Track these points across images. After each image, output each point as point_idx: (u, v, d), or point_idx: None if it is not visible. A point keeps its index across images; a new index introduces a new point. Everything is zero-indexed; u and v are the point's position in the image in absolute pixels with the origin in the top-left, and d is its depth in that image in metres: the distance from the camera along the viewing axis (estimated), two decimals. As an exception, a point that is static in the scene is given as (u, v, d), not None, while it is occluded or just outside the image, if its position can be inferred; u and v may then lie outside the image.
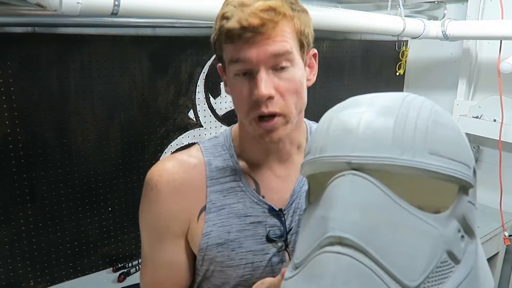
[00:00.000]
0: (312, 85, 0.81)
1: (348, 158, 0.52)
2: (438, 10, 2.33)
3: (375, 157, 0.51)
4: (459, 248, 0.52)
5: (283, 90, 0.69)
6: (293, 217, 0.79)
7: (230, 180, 0.78)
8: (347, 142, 0.53)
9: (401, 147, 0.51)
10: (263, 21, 0.64)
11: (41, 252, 1.54)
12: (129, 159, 1.69)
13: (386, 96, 0.58)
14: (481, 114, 2.32)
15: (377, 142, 0.52)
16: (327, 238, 0.50)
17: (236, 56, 0.67)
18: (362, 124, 0.53)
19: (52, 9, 1.08)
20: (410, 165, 0.51)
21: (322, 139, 0.57)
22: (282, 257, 0.78)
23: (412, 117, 0.53)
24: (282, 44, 0.67)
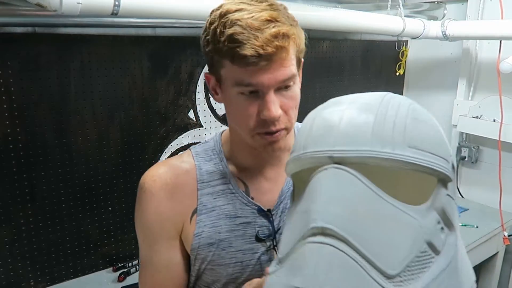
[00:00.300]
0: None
1: (330, 152, 0.54)
2: (438, 10, 2.34)
3: (356, 150, 0.53)
4: (439, 239, 0.54)
5: (287, 108, 0.72)
6: (281, 217, 0.81)
7: (220, 183, 0.81)
8: (328, 138, 0.55)
9: (381, 141, 0.53)
10: (277, 48, 0.65)
11: (41, 252, 1.54)
12: (129, 159, 1.69)
13: (366, 95, 0.60)
14: (481, 114, 2.32)
15: (357, 136, 0.54)
16: (310, 229, 0.51)
17: (247, 80, 0.68)
18: (344, 120, 0.55)
19: (53, 9, 1.08)
20: (390, 157, 0.52)
21: (305, 137, 0.59)
22: (271, 256, 0.81)
23: (391, 114, 0.55)
24: (290, 69, 0.70)
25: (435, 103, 2.61)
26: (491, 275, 2.30)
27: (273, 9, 0.68)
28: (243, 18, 0.65)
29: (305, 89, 2.60)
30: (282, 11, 0.70)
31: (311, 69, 2.21)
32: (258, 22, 0.65)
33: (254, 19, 0.65)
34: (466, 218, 2.20)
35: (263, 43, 0.64)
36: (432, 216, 0.54)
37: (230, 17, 0.66)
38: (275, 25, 0.66)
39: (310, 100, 2.25)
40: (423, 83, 2.68)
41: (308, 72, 2.24)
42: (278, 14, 0.67)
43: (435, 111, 2.59)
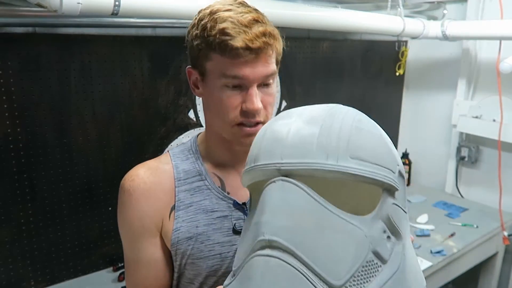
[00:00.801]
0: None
1: (278, 166, 0.56)
2: (438, 10, 2.34)
3: (302, 163, 0.55)
4: (385, 248, 0.55)
5: (266, 103, 0.78)
6: None
7: (197, 180, 0.85)
8: (276, 151, 0.57)
9: (326, 153, 0.55)
10: (264, 45, 0.72)
11: (41, 252, 1.55)
12: (129, 159, 1.69)
13: (315, 107, 0.62)
14: (480, 114, 2.32)
15: (303, 148, 0.56)
16: (259, 242, 0.53)
17: (234, 72, 0.73)
18: (291, 132, 0.57)
19: (53, 9, 1.08)
20: (334, 169, 0.54)
21: (256, 149, 0.61)
22: None
23: (336, 126, 0.57)
24: (271, 66, 0.76)
25: (435, 103, 2.61)
26: (491, 275, 2.30)
27: (258, 13, 0.75)
28: (233, 16, 0.72)
29: (305, 89, 2.61)
30: (265, 16, 0.76)
31: (311, 69, 2.22)
32: (247, 20, 0.71)
33: (244, 18, 0.71)
34: (466, 218, 2.20)
35: (253, 38, 0.71)
36: (378, 225, 0.56)
37: (221, 14, 0.72)
38: (261, 25, 0.73)
39: (310, 100, 2.25)
40: (423, 83, 2.68)
41: (308, 72, 2.25)
42: (263, 17, 0.75)
43: (435, 111, 2.60)
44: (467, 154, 2.43)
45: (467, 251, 1.96)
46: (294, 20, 1.65)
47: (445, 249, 1.87)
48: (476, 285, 2.38)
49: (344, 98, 2.44)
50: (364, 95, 2.57)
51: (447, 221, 2.16)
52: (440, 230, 2.04)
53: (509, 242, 2.19)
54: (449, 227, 2.09)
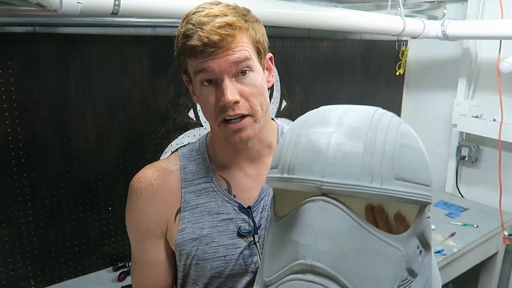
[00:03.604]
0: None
1: (318, 183, 0.54)
2: (438, 9, 2.34)
3: (345, 185, 0.53)
4: (418, 263, 0.56)
5: (248, 94, 0.75)
6: (262, 213, 0.85)
7: (203, 182, 0.85)
8: (316, 166, 0.55)
9: (370, 175, 0.53)
10: (222, 36, 0.71)
11: (41, 252, 1.55)
12: (129, 159, 1.69)
13: (354, 114, 0.59)
14: (480, 114, 2.32)
15: (346, 168, 0.54)
16: (299, 265, 0.52)
17: (200, 67, 0.74)
18: (332, 147, 0.55)
19: (53, 9, 1.08)
20: (379, 192, 0.53)
21: (290, 156, 0.59)
22: (252, 250, 0.83)
23: (380, 141, 0.55)
24: (241, 52, 0.73)
25: (435, 102, 2.61)
26: (491, 275, 2.30)
27: (227, 8, 0.75)
28: (195, 17, 0.72)
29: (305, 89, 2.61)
30: (237, 10, 0.76)
31: (311, 69, 2.21)
32: (207, 18, 0.72)
33: (204, 16, 0.72)
34: (466, 217, 2.20)
35: (208, 34, 0.70)
36: (413, 242, 0.56)
37: (187, 19, 0.74)
38: (220, 18, 0.72)
39: (309, 100, 2.25)
40: (423, 83, 2.68)
41: (308, 72, 2.25)
42: (229, 12, 0.74)
43: (435, 110, 2.60)
44: (467, 154, 2.43)
45: (467, 250, 1.96)
46: (294, 20, 1.65)
47: (445, 248, 1.87)
48: (476, 284, 2.38)
49: (344, 97, 2.44)
50: (364, 94, 2.56)
51: (447, 220, 2.16)
52: (440, 230, 2.04)
53: (509, 241, 2.19)
54: (449, 226, 2.09)
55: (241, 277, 0.83)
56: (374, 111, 0.60)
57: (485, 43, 2.32)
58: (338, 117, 0.59)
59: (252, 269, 0.83)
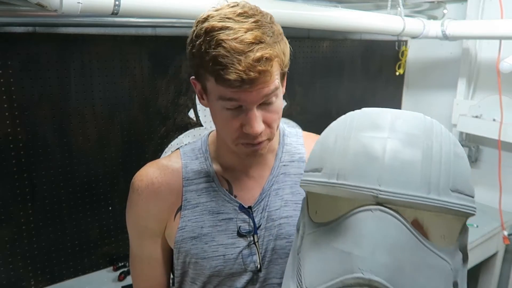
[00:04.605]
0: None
1: (375, 192, 0.51)
2: (438, 9, 2.34)
3: (404, 195, 0.50)
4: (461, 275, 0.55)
5: (270, 121, 0.74)
6: (262, 214, 0.85)
7: (204, 181, 0.86)
8: (372, 172, 0.52)
9: (428, 185, 0.51)
10: (260, 72, 0.66)
11: (41, 251, 1.55)
12: (129, 159, 1.69)
13: (406, 120, 0.56)
14: (480, 114, 2.32)
15: (405, 177, 0.51)
16: (355, 278, 0.49)
17: (229, 96, 0.69)
18: (388, 153, 0.52)
19: (53, 9, 1.08)
20: (437, 204, 0.51)
21: (339, 161, 0.55)
22: (251, 250, 0.84)
23: (436, 150, 0.53)
24: (273, 84, 0.70)
25: (435, 102, 2.61)
26: (491, 275, 2.30)
27: (258, 27, 0.68)
28: (227, 39, 0.65)
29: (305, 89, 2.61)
30: (267, 27, 0.69)
31: (311, 69, 2.21)
32: (242, 45, 0.65)
33: (238, 42, 0.65)
34: (466, 217, 2.20)
35: (246, 68, 0.65)
36: (458, 256, 0.55)
37: (215, 36, 0.66)
38: (259, 48, 0.66)
39: (309, 100, 2.25)
40: (423, 83, 2.68)
41: (308, 72, 2.25)
42: (263, 34, 0.67)
43: (435, 110, 2.60)
44: (467, 154, 2.43)
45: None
46: (294, 20, 1.65)
47: (445, 248, 1.87)
48: (476, 284, 2.38)
49: (344, 97, 2.44)
50: (364, 94, 2.56)
51: (447, 220, 2.16)
52: (440, 230, 2.04)
53: (509, 241, 2.19)
54: (449, 226, 2.09)
55: (240, 276, 0.84)
56: (423, 117, 0.58)
57: (485, 43, 2.32)
58: (390, 121, 0.56)
59: (251, 269, 0.83)
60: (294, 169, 0.88)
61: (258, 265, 0.83)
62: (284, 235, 0.84)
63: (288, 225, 0.84)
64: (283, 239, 0.84)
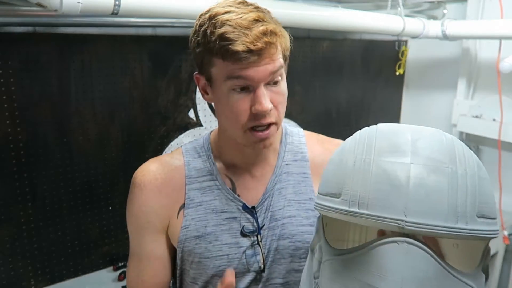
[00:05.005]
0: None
1: (401, 223, 0.49)
2: (438, 9, 2.34)
3: (431, 226, 0.49)
4: None
5: (277, 103, 0.75)
6: (265, 214, 0.85)
7: (207, 180, 0.85)
8: (397, 203, 0.50)
9: (455, 214, 0.50)
10: (266, 44, 0.70)
11: (41, 251, 1.55)
12: (129, 159, 1.69)
13: (428, 141, 0.55)
14: (480, 114, 2.32)
15: (431, 207, 0.50)
16: None
17: (238, 73, 0.71)
18: (412, 181, 0.50)
19: (53, 9, 1.08)
20: (465, 233, 0.50)
21: (360, 188, 0.53)
22: (255, 250, 0.83)
23: (461, 175, 0.52)
24: (278, 62, 0.73)
25: (434, 102, 2.61)
26: (491, 275, 2.30)
27: (259, 11, 0.73)
28: (232, 18, 0.69)
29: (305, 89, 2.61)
30: (266, 13, 0.74)
31: (311, 69, 2.21)
32: (246, 21, 0.69)
33: (243, 19, 0.69)
34: (466, 217, 2.20)
35: (253, 40, 0.68)
36: (482, 278, 0.54)
37: (219, 18, 0.70)
38: (262, 24, 0.70)
39: (309, 100, 2.25)
40: (423, 83, 2.68)
41: (308, 72, 2.25)
42: (264, 15, 0.72)
43: (434, 110, 2.60)
44: (467, 154, 2.43)
45: (467, 250, 1.96)
46: (294, 20, 1.65)
47: (445, 248, 1.87)
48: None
49: (344, 97, 2.44)
50: (364, 94, 2.56)
51: (447, 220, 2.16)
52: (440, 230, 2.04)
53: (509, 241, 2.19)
54: (449, 226, 2.09)
55: (243, 276, 0.83)
56: (443, 136, 0.57)
57: (485, 43, 2.32)
58: (411, 144, 0.54)
59: (254, 269, 0.83)
60: (297, 168, 0.88)
61: (262, 265, 0.83)
62: (287, 235, 0.84)
63: (291, 225, 0.84)
64: (286, 239, 0.84)
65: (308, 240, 0.85)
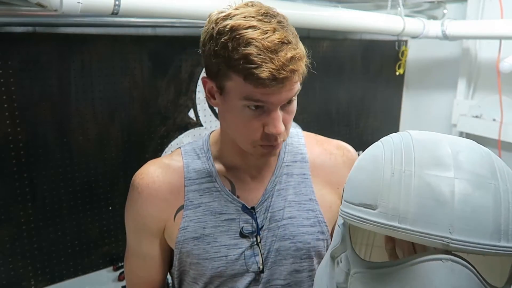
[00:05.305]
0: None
1: (446, 240, 0.48)
2: (438, 9, 2.34)
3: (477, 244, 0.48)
4: None
5: (287, 121, 0.76)
6: (265, 214, 0.85)
7: (206, 181, 0.85)
8: (441, 218, 0.48)
9: (499, 232, 0.49)
10: (292, 72, 0.68)
11: (41, 251, 1.55)
12: (129, 159, 1.69)
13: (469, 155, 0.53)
14: (480, 114, 2.32)
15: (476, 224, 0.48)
16: None
17: (257, 97, 0.70)
18: (457, 197, 0.49)
19: (53, 9, 1.08)
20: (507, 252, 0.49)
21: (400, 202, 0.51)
22: (254, 251, 0.83)
23: (504, 191, 0.51)
24: (297, 87, 0.74)
25: (435, 102, 2.61)
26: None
27: (282, 27, 0.70)
28: (257, 38, 0.66)
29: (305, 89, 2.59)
30: (288, 28, 0.72)
31: (311, 69, 2.21)
32: (273, 44, 0.67)
33: (269, 41, 0.66)
34: (466, 217, 2.20)
35: (279, 67, 0.66)
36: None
37: (244, 35, 0.67)
38: (289, 48, 0.68)
39: (309, 100, 2.25)
40: (423, 83, 2.68)
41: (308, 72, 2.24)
42: (288, 34, 0.69)
43: (435, 110, 2.60)
44: (467, 154, 2.43)
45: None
46: (294, 20, 1.63)
47: (445, 248, 1.86)
48: None
49: (344, 97, 2.44)
50: (364, 94, 2.56)
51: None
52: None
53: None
54: (449, 226, 2.09)
55: (242, 277, 0.83)
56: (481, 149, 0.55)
57: (485, 43, 2.31)
58: (453, 157, 0.52)
59: (253, 270, 0.83)
60: (297, 170, 0.88)
61: (261, 266, 0.83)
62: (288, 236, 0.84)
63: (292, 226, 0.84)
64: (287, 240, 0.84)
65: (308, 241, 0.84)
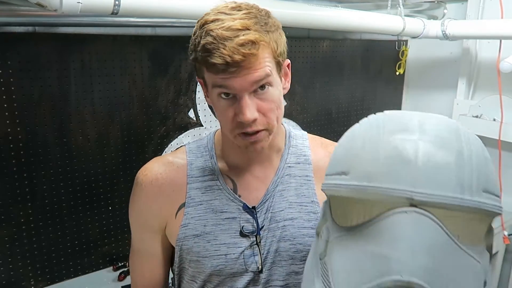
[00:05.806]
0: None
1: (409, 194, 0.50)
2: (438, 9, 2.34)
3: (440, 196, 0.50)
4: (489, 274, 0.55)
5: (265, 110, 0.75)
6: (265, 215, 0.85)
7: (209, 179, 0.86)
8: (406, 175, 0.51)
9: (462, 186, 0.51)
10: (245, 56, 0.68)
11: (41, 251, 1.55)
12: (129, 158, 1.69)
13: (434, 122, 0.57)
14: (481, 114, 2.32)
15: (439, 179, 0.51)
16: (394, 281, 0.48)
17: (220, 83, 0.72)
18: (421, 155, 0.52)
19: (53, 8, 1.08)
20: (472, 205, 0.51)
21: (370, 164, 0.54)
22: (254, 251, 0.84)
23: (467, 153, 0.54)
24: (262, 70, 0.71)
25: (435, 102, 2.61)
26: (491, 275, 2.30)
27: (248, 17, 0.71)
28: (215, 28, 0.69)
29: (305, 89, 2.61)
30: (259, 18, 0.72)
31: (311, 69, 2.21)
32: (228, 31, 0.68)
33: (225, 29, 0.68)
34: (466, 217, 2.20)
35: (231, 52, 0.68)
36: (486, 255, 0.56)
37: (205, 28, 0.70)
38: (244, 33, 0.69)
39: (309, 99, 2.25)
40: (423, 83, 2.68)
41: (308, 72, 2.25)
42: (251, 22, 0.70)
43: (435, 110, 2.59)
44: (467, 154, 2.43)
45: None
46: (294, 20, 1.65)
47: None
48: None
49: (344, 97, 2.44)
50: (364, 94, 2.56)
51: (447, 220, 2.16)
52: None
53: (509, 241, 2.19)
54: (449, 226, 2.09)
55: (241, 276, 0.84)
56: (448, 120, 0.59)
57: (485, 43, 2.31)
58: (419, 124, 0.56)
59: (252, 269, 0.83)
60: (300, 171, 0.88)
61: (260, 266, 0.83)
62: (288, 237, 0.84)
63: (292, 227, 0.84)
64: (287, 241, 0.84)
65: (309, 243, 0.84)
